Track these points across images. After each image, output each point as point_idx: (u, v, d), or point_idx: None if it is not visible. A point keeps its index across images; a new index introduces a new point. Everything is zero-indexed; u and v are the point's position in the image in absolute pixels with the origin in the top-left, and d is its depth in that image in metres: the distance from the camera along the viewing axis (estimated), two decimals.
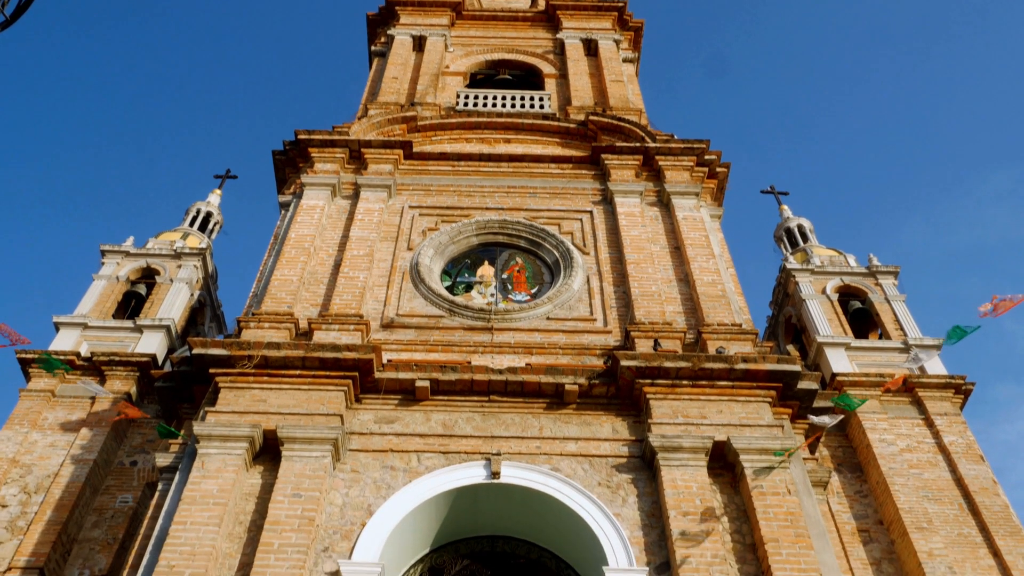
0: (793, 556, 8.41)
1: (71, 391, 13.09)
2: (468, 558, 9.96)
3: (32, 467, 12.12)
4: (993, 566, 11.30)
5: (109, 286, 15.59)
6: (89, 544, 11.50)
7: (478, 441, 9.76)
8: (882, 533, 11.91)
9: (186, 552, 8.24)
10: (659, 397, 9.96)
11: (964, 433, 12.99)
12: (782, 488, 9.06)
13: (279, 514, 8.67)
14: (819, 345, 14.52)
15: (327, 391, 9.91)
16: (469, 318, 11.77)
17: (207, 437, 9.25)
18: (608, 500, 9.22)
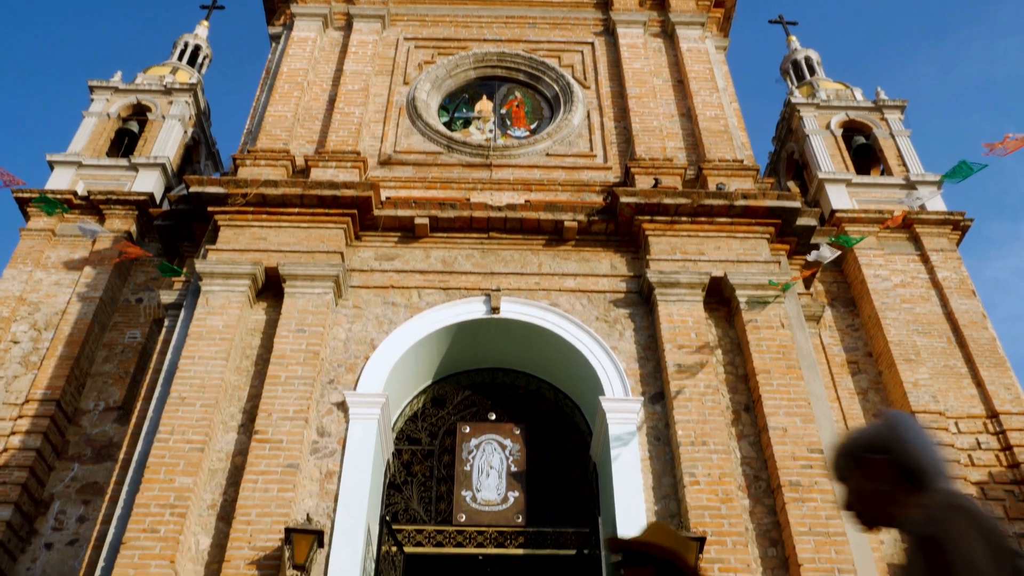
0: (783, 386, 8.70)
1: (71, 230, 13.11)
2: (469, 389, 10.31)
3: (40, 305, 12.31)
4: (975, 395, 11.70)
5: (100, 124, 15.31)
6: (102, 378, 11.85)
7: (478, 277, 9.88)
8: (870, 365, 12.27)
9: (196, 384, 8.51)
10: (658, 233, 9.99)
11: (958, 269, 13.13)
12: (776, 322, 9.25)
13: (284, 348, 8.89)
14: (820, 181, 14.43)
15: (327, 229, 9.93)
16: (468, 154, 11.63)
17: (210, 275, 9.35)
18: (605, 334, 9.43)
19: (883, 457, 2.17)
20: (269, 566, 7.36)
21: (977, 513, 1.93)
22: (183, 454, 7.99)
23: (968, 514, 1.93)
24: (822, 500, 7.83)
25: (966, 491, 10.43)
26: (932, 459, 2.14)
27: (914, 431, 2.19)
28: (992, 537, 1.88)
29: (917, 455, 2.15)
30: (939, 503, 2.00)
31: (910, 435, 2.18)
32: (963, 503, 1.97)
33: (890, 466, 2.15)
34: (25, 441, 10.67)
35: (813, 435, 8.33)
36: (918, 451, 2.15)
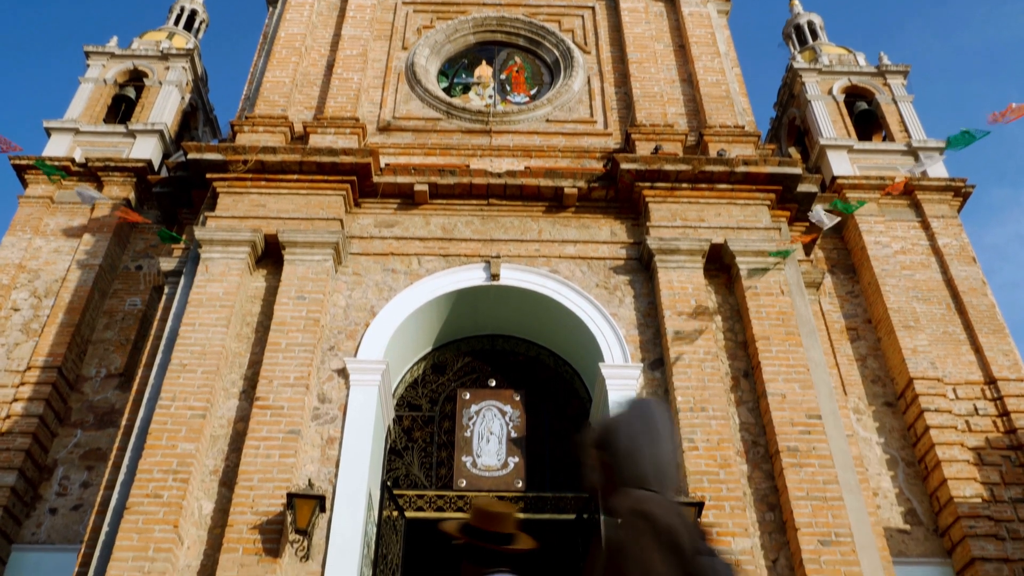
0: (782, 352, 8.73)
1: (70, 197, 13.08)
2: (469, 355, 10.34)
3: (39, 272, 12.31)
4: (973, 362, 11.74)
5: (97, 90, 15.19)
6: (103, 345, 11.89)
7: (477, 244, 9.86)
8: (870, 331, 12.30)
9: (197, 351, 8.53)
10: (658, 200, 9.96)
11: (959, 235, 13.11)
12: (776, 289, 9.25)
13: (284, 315, 8.90)
14: (821, 147, 14.36)
15: (326, 196, 9.89)
16: (467, 120, 11.55)
17: (209, 242, 9.33)
18: (605, 301, 9.44)
19: (597, 452, 2.25)
20: (271, 531, 7.43)
21: (659, 519, 1.99)
22: (185, 420, 8.03)
23: (648, 520, 2.00)
24: (820, 465, 7.89)
25: (962, 457, 10.51)
26: (634, 461, 2.19)
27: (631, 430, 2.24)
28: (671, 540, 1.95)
29: (618, 456, 2.21)
30: (626, 508, 2.06)
31: (623, 434, 2.23)
32: (647, 508, 2.03)
33: (601, 462, 2.23)
34: (28, 408, 10.72)
35: (812, 401, 8.37)
36: (621, 452, 2.21)
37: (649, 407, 2.35)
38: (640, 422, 2.28)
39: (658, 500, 2.08)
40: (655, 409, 2.34)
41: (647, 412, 2.32)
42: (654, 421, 2.28)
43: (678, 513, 2.07)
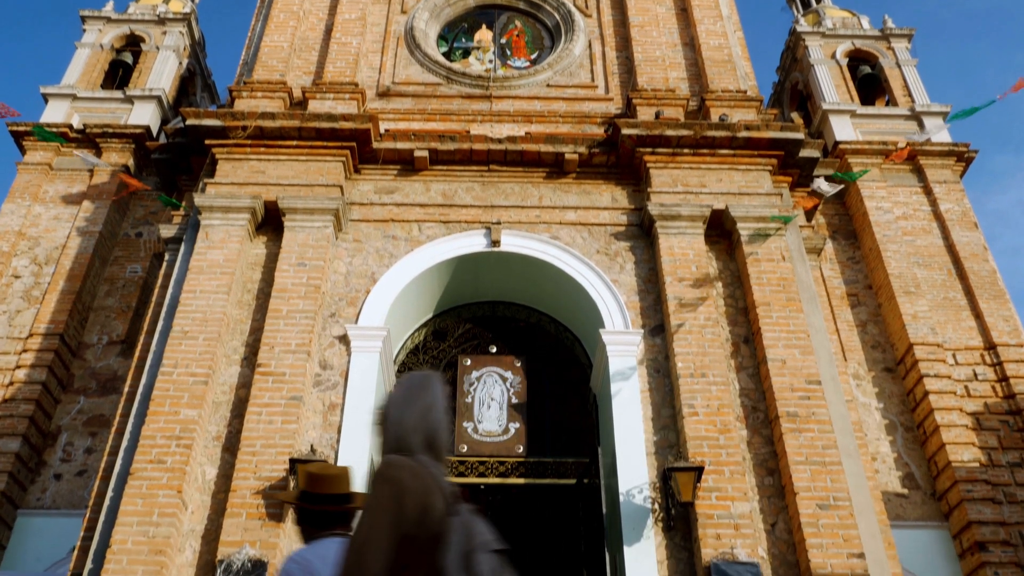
0: (783, 318, 8.74)
1: (68, 163, 13.03)
2: (470, 322, 10.36)
3: (39, 239, 12.30)
4: (974, 327, 11.76)
5: (94, 55, 15.06)
6: (104, 312, 11.91)
7: (478, 210, 9.83)
8: (870, 297, 12.30)
9: (198, 318, 8.55)
10: (659, 166, 9.91)
11: (961, 201, 13.06)
12: (777, 255, 9.24)
13: (285, 282, 8.90)
14: (824, 112, 14.26)
15: (325, 162, 9.85)
16: (467, 85, 11.46)
17: (209, 208, 9.31)
18: (606, 267, 9.43)
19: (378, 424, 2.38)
20: (274, 496, 7.50)
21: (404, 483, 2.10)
22: (187, 387, 8.07)
23: (391, 484, 2.10)
24: (819, 430, 7.94)
25: (961, 422, 10.57)
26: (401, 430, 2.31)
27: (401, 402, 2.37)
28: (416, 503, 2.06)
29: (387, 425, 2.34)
30: (376, 473, 2.17)
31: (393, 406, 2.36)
32: (393, 473, 2.13)
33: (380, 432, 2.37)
34: (31, 375, 10.77)
35: (811, 367, 8.40)
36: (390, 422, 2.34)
37: (423, 380, 2.46)
38: (411, 394, 2.39)
39: (409, 466, 2.17)
40: (430, 382, 2.46)
41: (420, 384, 2.43)
42: (427, 393, 2.40)
43: (432, 477, 2.16)
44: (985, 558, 9.72)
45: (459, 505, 2.19)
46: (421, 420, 2.33)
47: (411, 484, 2.11)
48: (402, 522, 2.05)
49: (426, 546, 2.07)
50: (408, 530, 2.05)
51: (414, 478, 2.13)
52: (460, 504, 2.20)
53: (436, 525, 2.08)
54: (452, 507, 2.15)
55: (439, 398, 2.42)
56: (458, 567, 2.07)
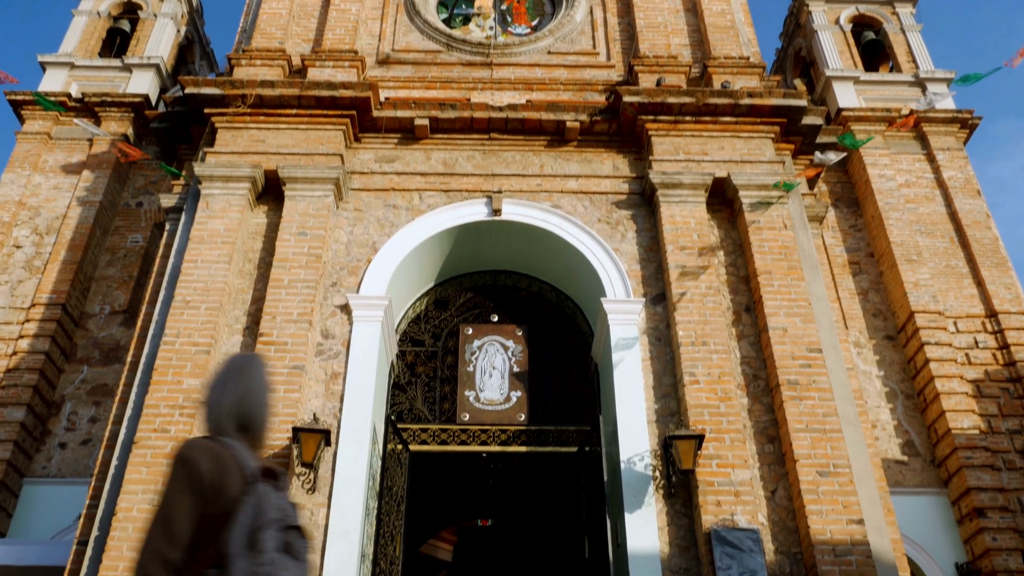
0: (784, 287, 8.74)
1: (68, 133, 12.97)
2: (471, 291, 10.36)
3: (40, 209, 12.28)
4: (975, 295, 11.76)
5: (91, 22, 14.93)
6: (106, 282, 11.92)
7: (479, 179, 9.80)
8: (872, 265, 12.29)
9: (200, 288, 8.55)
10: (661, 134, 9.86)
11: (964, 168, 13.00)
12: (778, 223, 9.22)
13: (286, 252, 8.90)
14: (827, 79, 14.15)
15: (325, 130, 9.79)
16: (467, 53, 11.37)
17: (209, 178, 9.28)
18: (607, 236, 9.41)
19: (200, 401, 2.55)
20: (278, 463, 7.55)
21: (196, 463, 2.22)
22: (190, 356, 8.10)
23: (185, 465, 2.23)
24: (820, 398, 7.97)
25: (961, 389, 10.60)
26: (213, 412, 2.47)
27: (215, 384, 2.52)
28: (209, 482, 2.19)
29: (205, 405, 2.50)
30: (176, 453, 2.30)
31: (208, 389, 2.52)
32: (185, 454, 2.26)
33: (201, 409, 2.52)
34: (34, 344, 10.81)
35: (812, 335, 8.41)
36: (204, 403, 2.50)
37: (242, 363, 2.61)
38: (229, 378, 2.54)
39: (207, 448, 2.30)
40: (249, 365, 2.61)
41: (239, 368, 2.58)
42: (244, 377, 2.55)
43: (233, 459, 2.28)
44: (984, 524, 9.81)
45: (261, 484, 2.28)
46: (236, 404, 2.48)
47: (205, 465, 2.22)
48: (197, 500, 2.17)
49: (216, 524, 2.18)
50: (203, 508, 2.17)
51: (210, 459, 2.25)
52: (264, 483, 2.30)
53: (228, 504, 2.19)
54: (250, 487, 2.24)
55: (259, 381, 2.58)
56: (243, 544, 2.16)
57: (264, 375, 2.62)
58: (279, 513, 2.27)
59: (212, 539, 2.16)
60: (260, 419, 2.53)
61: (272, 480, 2.36)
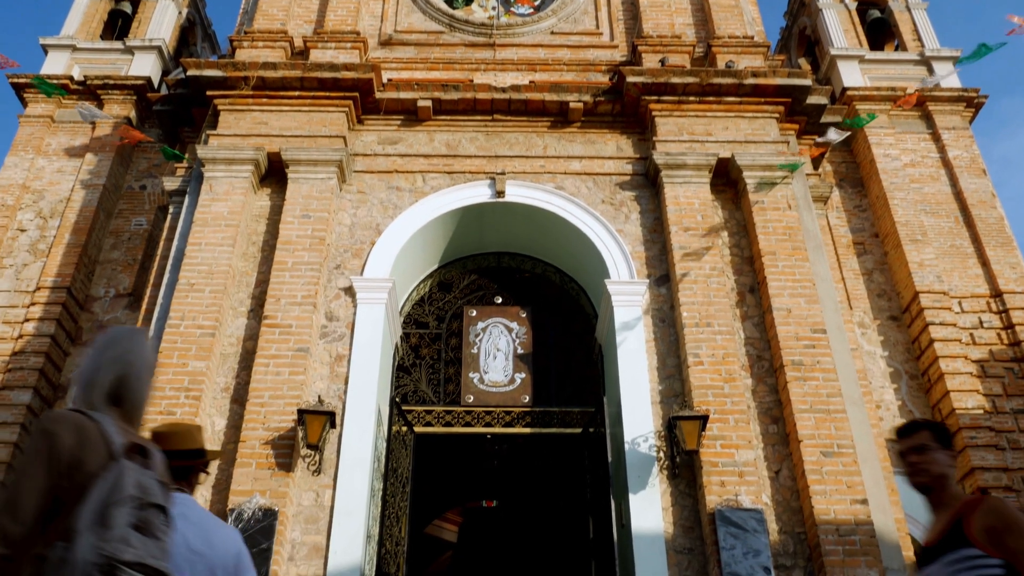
0: (788, 267, 8.73)
1: (70, 116, 12.94)
2: (475, 273, 10.37)
3: (44, 193, 12.27)
4: (980, 275, 11.72)
5: (92, 4, 14.85)
6: (111, 265, 11.93)
7: (482, 161, 9.77)
8: (876, 246, 12.25)
9: (204, 271, 8.56)
10: (665, 114, 9.82)
11: (970, 147, 12.92)
12: (783, 203, 9.19)
13: (290, 234, 8.90)
14: (832, 58, 14.04)
15: (328, 112, 9.77)
16: (470, 33, 11.31)
17: (212, 160, 9.27)
18: (611, 217, 9.40)
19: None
20: (283, 446, 7.59)
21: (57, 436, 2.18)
22: (195, 339, 8.12)
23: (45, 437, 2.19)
24: (824, 379, 7.98)
25: (965, 369, 10.59)
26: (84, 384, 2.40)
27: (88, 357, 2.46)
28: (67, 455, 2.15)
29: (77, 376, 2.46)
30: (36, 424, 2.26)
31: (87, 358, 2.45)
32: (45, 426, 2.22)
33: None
34: (39, 328, 10.84)
35: (817, 315, 8.41)
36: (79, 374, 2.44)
37: (118, 336, 2.52)
38: (103, 350, 2.46)
39: (69, 419, 2.25)
40: (127, 337, 2.52)
41: (114, 340, 2.49)
42: (119, 349, 2.46)
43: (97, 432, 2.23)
44: None
45: (125, 460, 2.23)
46: (110, 377, 2.39)
47: (66, 439, 2.18)
48: (51, 474, 2.13)
49: (70, 499, 2.14)
50: (57, 482, 2.13)
51: (72, 433, 2.20)
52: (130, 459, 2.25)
53: (85, 479, 2.15)
54: (112, 462, 2.20)
55: (139, 354, 2.48)
56: (92, 520, 2.11)
57: (146, 349, 2.51)
58: (138, 490, 2.20)
59: (64, 514, 2.12)
60: (137, 393, 2.43)
61: (140, 457, 2.29)
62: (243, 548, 2.87)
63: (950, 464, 3.10)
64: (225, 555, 2.75)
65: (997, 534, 2.78)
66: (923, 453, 3.10)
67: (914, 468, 3.13)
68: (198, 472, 3.09)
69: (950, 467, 3.09)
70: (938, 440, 3.12)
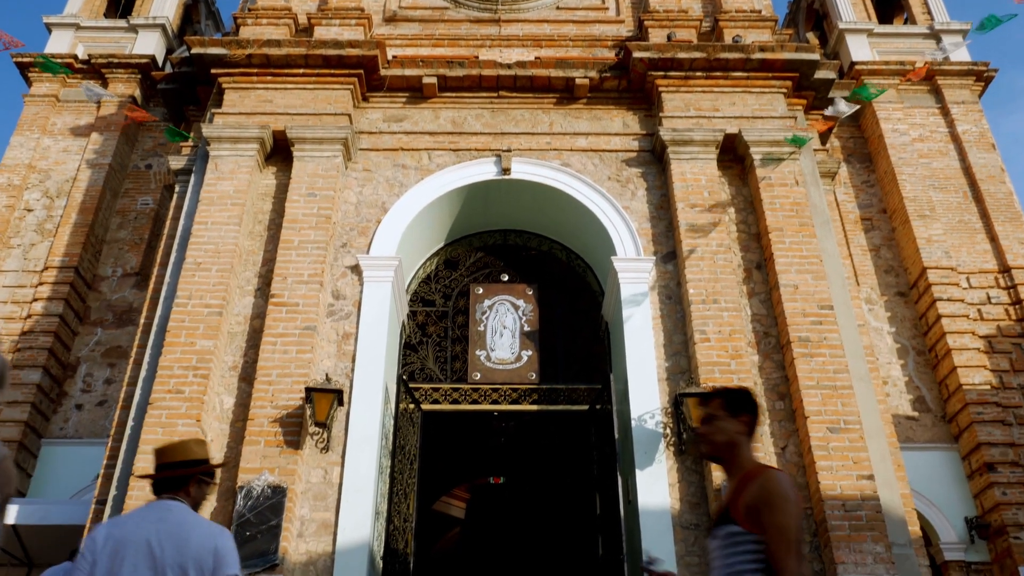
0: (796, 244, 8.69)
1: (75, 95, 12.93)
2: (481, 251, 10.35)
3: (50, 172, 12.29)
4: (988, 250, 11.68)
5: None
6: (118, 244, 11.96)
7: (488, 138, 9.73)
8: (884, 221, 12.20)
9: (210, 250, 8.57)
10: (671, 90, 9.75)
11: (979, 122, 12.83)
12: (790, 179, 9.14)
13: (296, 213, 8.89)
14: (840, 31, 13.92)
15: (333, 90, 9.73)
16: (475, 9, 11.22)
17: (217, 139, 9.25)
18: (617, 194, 9.37)
19: None
20: (291, 423, 7.62)
21: None
22: (202, 318, 8.14)
23: None
24: (830, 355, 7.97)
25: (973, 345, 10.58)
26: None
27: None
28: None
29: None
30: None
31: None
32: None
33: None
34: (47, 307, 10.89)
35: (824, 292, 8.38)
36: None
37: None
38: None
39: None
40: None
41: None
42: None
43: None
44: (994, 479, 9.85)
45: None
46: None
47: None
48: None
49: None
50: None
51: None
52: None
53: None
54: None
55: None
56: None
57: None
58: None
59: None
60: None
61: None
62: (222, 544, 2.99)
63: (739, 431, 2.96)
64: (200, 550, 2.89)
65: (755, 511, 2.71)
66: (710, 423, 2.99)
67: (701, 438, 3.03)
68: (195, 482, 3.20)
69: (739, 434, 2.95)
70: (727, 408, 2.99)
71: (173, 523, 2.94)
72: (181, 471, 3.16)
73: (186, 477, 3.17)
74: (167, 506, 3.01)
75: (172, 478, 3.15)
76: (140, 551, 2.83)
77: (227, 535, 3.08)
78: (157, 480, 3.21)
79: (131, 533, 2.92)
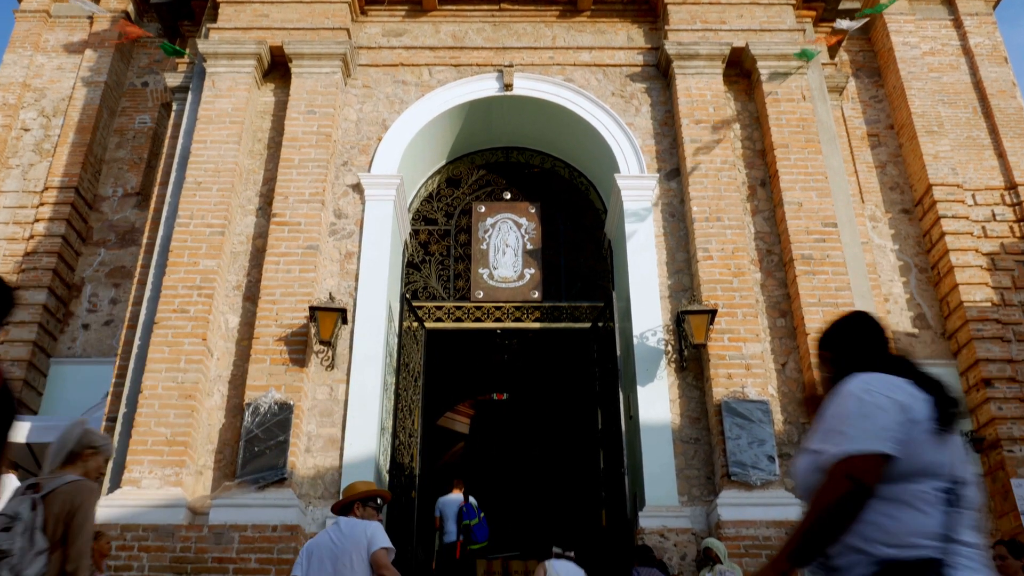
0: (801, 160, 8.61)
1: (67, 10, 12.62)
2: (484, 168, 10.27)
3: (45, 91, 12.10)
4: (996, 167, 11.55)
5: None
6: (117, 164, 11.86)
7: (489, 52, 9.54)
8: (891, 137, 12.04)
9: (210, 169, 8.51)
10: (678, 2, 9.50)
11: (992, 35, 12.53)
12: (797, 94, 9.00)
13: (296, 131, 8.79)
14: None
15: (331, 3, 9.49)
16: None
17: (213, 55, 9.08)
18: (621, 110, 9.23)
19: None
20: (296, 342, 7.70)
21: None
22: (204, 238, 8.14)
23: None
24: (833, 272, 7.97)
25: (975, 262, 10.57)
26: None
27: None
28: None
29: None
30: None
31: None
32: None
33: None
34: (49, 228, 10.87)
35: (828, 209, 8.34)
36: None
37: None
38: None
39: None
40: None
41: None
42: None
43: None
44: (990, 394, 9.96)
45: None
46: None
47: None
48: None
49: None
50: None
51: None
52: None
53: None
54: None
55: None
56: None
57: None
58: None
59: None
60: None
61: None
62: (372, 531, 4.24)
63: None
64: (358, 538, 4.19)
65: None
66: None
67: None
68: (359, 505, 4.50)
69: None
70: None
71: (342, 527, 4.30)
72: (344, 501, 4.59)
73: (350, 503, 4.53)
74: (339, 520, 4.39)
75: (343, 505, 4.57)
76: (325, 549, 4.20)
77: (376, 525, 4.33)
78: (337, 508, 4.65)
79: (321, 539, 4.31)
